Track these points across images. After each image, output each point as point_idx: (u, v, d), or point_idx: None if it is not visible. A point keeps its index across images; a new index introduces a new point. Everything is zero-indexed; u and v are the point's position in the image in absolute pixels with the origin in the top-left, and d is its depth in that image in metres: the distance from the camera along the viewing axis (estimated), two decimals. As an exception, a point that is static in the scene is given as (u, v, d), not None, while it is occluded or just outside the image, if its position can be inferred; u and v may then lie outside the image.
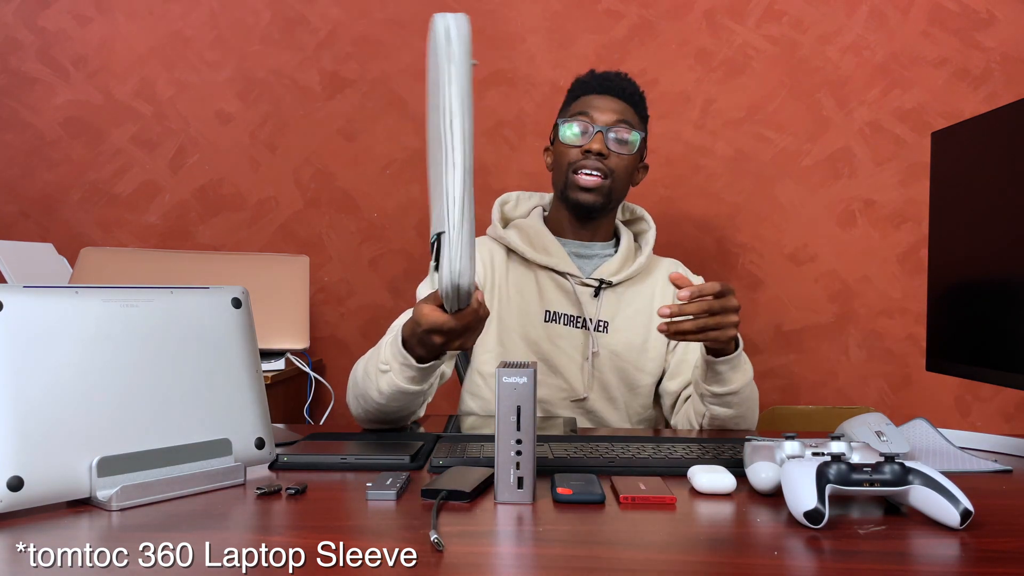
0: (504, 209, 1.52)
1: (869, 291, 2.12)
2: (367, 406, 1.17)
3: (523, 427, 0.81)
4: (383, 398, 1.13)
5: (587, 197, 1.39)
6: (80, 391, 0.80)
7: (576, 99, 1.45)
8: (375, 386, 1.13)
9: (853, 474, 0.74)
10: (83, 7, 2.22)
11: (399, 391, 1.10)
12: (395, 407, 1.15)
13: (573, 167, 1.39)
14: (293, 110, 2.21)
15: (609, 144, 1.38)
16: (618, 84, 1.44)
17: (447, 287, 0.91)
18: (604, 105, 1.41)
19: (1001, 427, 2.09)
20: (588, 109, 1.41)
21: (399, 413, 1.18)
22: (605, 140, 1.38)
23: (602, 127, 1.38)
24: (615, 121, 1.39)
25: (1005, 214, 1.11)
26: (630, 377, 1.41)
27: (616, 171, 1.39)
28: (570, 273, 1.41)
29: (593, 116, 1.40)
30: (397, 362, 1.09)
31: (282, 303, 1.81)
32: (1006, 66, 2.08)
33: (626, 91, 1.43)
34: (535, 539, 0.73)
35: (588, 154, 1.38)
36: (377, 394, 1.13)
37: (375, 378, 1.13)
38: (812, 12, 2.12)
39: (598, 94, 1.42)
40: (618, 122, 1.39)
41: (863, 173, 2.12)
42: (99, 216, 2.23)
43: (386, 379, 1.11)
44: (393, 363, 1.10)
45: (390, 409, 1.15)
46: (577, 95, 1.45)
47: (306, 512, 0.80)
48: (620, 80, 1.45)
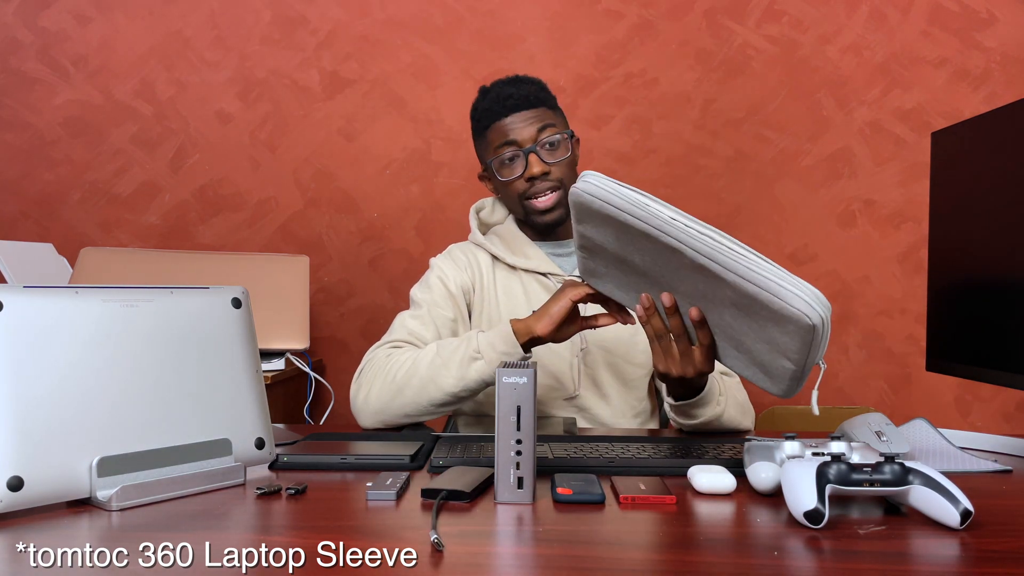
0: (480, 216, 1.52)
1: (869, 291, 2.12)
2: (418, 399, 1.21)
3: (523, 427, 0.81)
4: (460, 385, 1.19)
5: (550, 216, 1.38)
6: (80, 391, 0.80)
7: (488, 128, 1.39)
8: (456, 375, 1.19)
9: (853, 474, 0.74)
10: (83, 7, 2.22)
11: (484, 381, 1.18)
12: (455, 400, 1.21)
13: (524, 196, 1.38)
14: (293, 110, 2.21)
15: (545, 158, 1.35)
16: (519, 94, 1.37)
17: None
18: (518, 123, 1.35)
19: (1001, 427, 2.09)
20: (507, 136, 1.35)
21: (444, 409, 1.23)
22: (540, 157, 1.34)
23: (531, 146, 1.34)
24: (537, 132, 1.35)
25: (1005, 214, 1.11)
26: (621, 371, 1.41)
27: (564, 177, 1.37)
28: (552, 272, 1.42)
29: (515, 140, 1.35)
30: (496, 351, 1.17)
31: (282, 303, 1.81)
32: (1006, 66, 2.08)
33: (530, 96, 1.37)
34: (535, 539, 0.73)
35: (532, 179, 1.35)
36: (455, 382, 1.19)
37: (459, 367, 1.19)
38: (812, 12, 2.13)
39: (505, 115, 1.36)
40: (540, 130, 1.35)
41: (863, 173, 2.12)
42: (99, 216, 2.23)
43: (476, 367, 1.18)
44: (491, 352, 1.18)
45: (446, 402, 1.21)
46: (486, 123, 1.39)
47: (306, 512, 0.80)
48: (518, 88, 1.38)
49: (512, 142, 1.36)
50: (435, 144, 2.19)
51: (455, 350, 1.21)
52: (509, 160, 1.37)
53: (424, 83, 2.19)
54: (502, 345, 1.17)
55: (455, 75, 2.19)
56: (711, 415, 1.17)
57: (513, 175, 1.37)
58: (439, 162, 2.19)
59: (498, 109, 1.37)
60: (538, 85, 1.42)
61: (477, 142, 1.46)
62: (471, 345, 1.19)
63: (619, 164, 2.16)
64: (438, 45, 2.19)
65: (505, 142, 1.36)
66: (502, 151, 1.37)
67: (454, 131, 2.19)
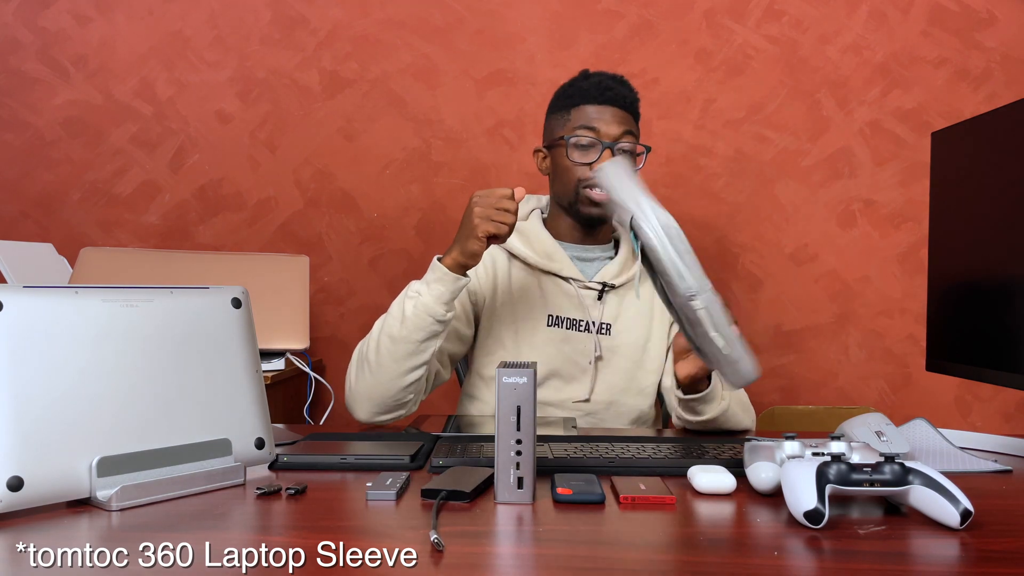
0: None
1: (869, 291, 2.12)
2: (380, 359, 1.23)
3: (523, 427, 0.81)
4: (406, 329, 1.21)
5: (599, 211, 1.38)
6: (80, 391, 0.80)
7: (575, 107, 1.40)
8: (398, 320, 1.22)
9: (853, 474, 0.74)
10: (83, 7, 2.22)
11: (426, 313, 1.20)
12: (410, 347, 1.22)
13: (584, 184, 1.37)
14: (293, 110, 2.21)
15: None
16: (619, 93, 1.40)
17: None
18: (608, 117, 1.37)
19: (1001, 427, 2.09)
20: (593, 123, 1.37)
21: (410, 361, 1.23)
22: (614, 156, 1.35)
23: (610, 143, 1.36)
24: (621, 134, 1.37)
25: (1005, 214, 1.11)
26: (635, 378, 1.41)
27: None
28: (573, 278, 1.41)
29: (600, 130, 1.36)
30: (428, 283, 1.22)
31: (282, 303, 1.81)
32: (1006, 66, 2.08)
33: (627, 99, 1.40)
34: (535, 539, 0.74)
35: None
36: (399, 325, 1.21)
37: (400, 312, 1.22)
38: (812, 12, 2.13)
39: (599, 104, 1.38)
40: (624, 134, 1.37)
41: (863, 173, 2.12)
42: (99, 216, 2.23)
43: (412, 303, 1.22)
44: (423, 287, 1.23)
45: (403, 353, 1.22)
46: (576, 102, 1.40)
47: (306, 512, 0.80)
48: (620, 87, 1.41)
49: (595, 129, 1.37)
50: (435, 144, 2.19)
51: (395, 301, 1.26)
52: (585, 145, 1.37)
53: (424, 83, 2.19)
54: (433, 275, 1.23)
55: (455, 75, 2.19)
56: (717, 411, 1.21)
57: (584, 159, 1.37)
58: (439, 162, 2.19)
59: (595, 94, 1.39)
60: (636, 96, 1.44)
61: (554, 116, 1.45)
62: (409, 289, 1.25)
63: (619, 164, 2.16)
64: (438, 45, 2.19)
65: (589, 126, 1.37)
66: (583, 133, 1.37)
67: (454, 131, 2.19)
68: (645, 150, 1.41)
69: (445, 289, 1.21)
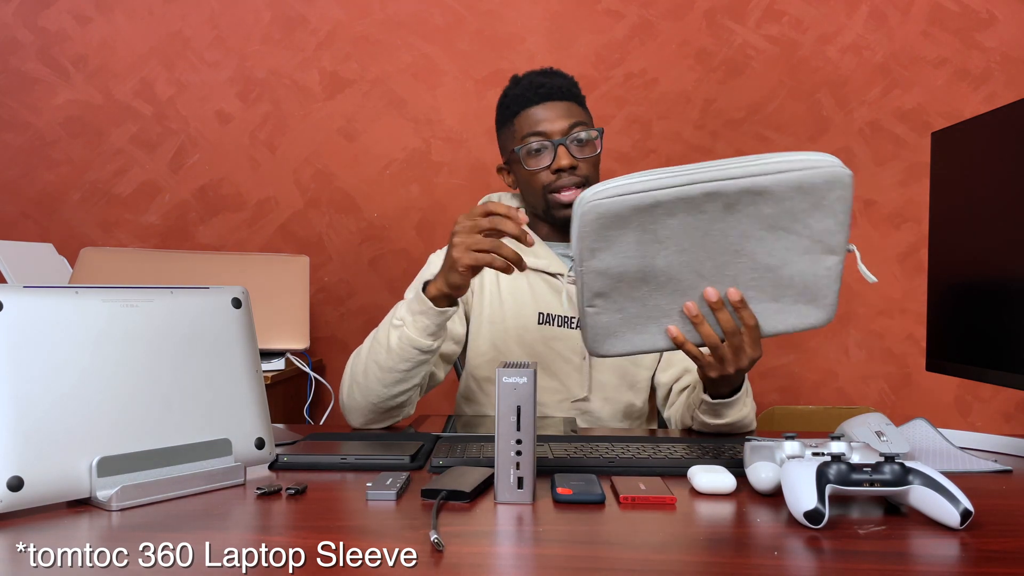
0: None
1: (869, 291, 2.12)
2: (368, 382, 1.19)
3: (523, 427, 0.81)
4: (392, 359, 1.17)
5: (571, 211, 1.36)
6: (80, 391, 0.80)
7: (516, 115, 1.36)
8: (384, 348, 1.17)
9: (853, 474, 0.74)
10: (83, 7, 2.22)
11: (410, 346, 1.16)
12: (397, 376, 1.18)
13: (548, 189, 1.35)
14: (293, 110, 2.21)
15: (574, 152, 1.32)
16: (553, 85, 1.35)
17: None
18: (551, 115, 1.33)
19: (1001, 427, 2.09)
20: (537, 126, 1.33)
21: (398, 387, 1.19)
22: (569, 151, 1.32)
23: (560, 139, 1.32)
24: (569, 127, 1.32)
25: (1005, 214, 1.11)
26: (628, 373, 1.41)
27: (590, 175, 1.35)
28: (560, 273, 1.40)
29: (545, 131, 1.32)
30: (412, 313, 1.15)
31: (282, 303, 1.81)
32: (1006, 66, 2.08)
33: (563, 89, 1.35)
34: (535, 539, 0.73)
35: (560, 172, 1.32)
36: (385, 354, 1.17)
37: (385, 339, 1.17)
38: (812, 12, 2.13)
39: (536, 104, 1.34)
40: (572, 127, 1.32)
41: (863, 173, 2.12)
42: (99, 216, 2.23)
43: (397, 334, 1.16)
44: (408, 316, 1.16)
45: (390, 380, 1.18)
46: (515, 111, 1.36)
47: (306, 512, 0.80)
48: (552, 79, 1.36)
49: (541, 132, 1.33)
50: (435, 144, 2.19)
51: (383, 324, 1.21)
52: (536, 150, 1.34)
53: (424, 83, 2.19)
54: (418, 306, 1.15)
55: (455, 75, 2.19)
56: (738, 416, 1.17)
57: (539, 165, 1.33)
58: (439, 162, 2.19)
59: (530, 96, 1.35)
60: (571, 80, 1.40)
61: (502, 131, 1.42)
62: (395, 314, 1.19)
63: (619, 164, 2.16)
64: (438, 45, 2.19)
65: (534, 132, 1.33)
66: (530, 140, 1.34)
67: (454, 131, 2.19)
68: (598, 133, 1.36)
69: (430, 322, 1.15)
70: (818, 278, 0.98)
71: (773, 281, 0.98)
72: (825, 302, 0.99)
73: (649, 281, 0.98)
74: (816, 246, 0.96)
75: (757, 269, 0.97)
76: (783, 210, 0.93)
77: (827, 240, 0.96)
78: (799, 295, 0.99)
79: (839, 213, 0.95)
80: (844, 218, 0.95)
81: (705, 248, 0.96)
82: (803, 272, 0.97)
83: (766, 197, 0.92)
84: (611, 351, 1.03)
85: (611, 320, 1.02)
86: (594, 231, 0.93)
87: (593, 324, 1.01)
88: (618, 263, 0.96)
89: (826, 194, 0.93)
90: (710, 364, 1.03)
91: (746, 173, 0.91)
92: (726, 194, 0.91)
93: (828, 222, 0.95)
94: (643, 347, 1.04)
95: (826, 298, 0.99)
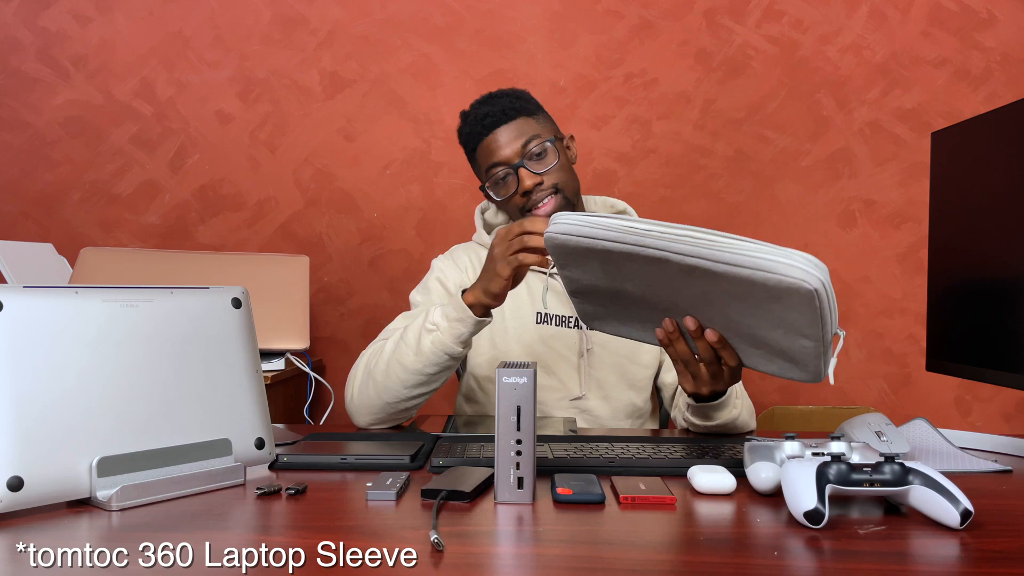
0: (485, 216, 1.52)
1: (869, 291, 2.12)
2: (388, 382, 1.20)
3: (523, 427, 0.81)
4: (420, 362, 1.18)
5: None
6: (80, 391, 0.80)
7: (475, 151, 1.39)
8: (413, 350, 1.18)
9: (853, 474, 0.74)
10: (83, 7, 2.22)
11: (443, 351, 1.17)
12: (422, 378, 1.20)
13: (524, 209, 1.36)
14: (293, 110, 2.21)
15: (535, 169, 1.33)
16: (494, 111, 1.36)
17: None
18: (502, 141, 1.34)
19: (1001, 427, 2.09)
20: (493, 157, 1.35)
21: (419, 389, 1.21)
22: (530, 170, 1.33)
23: (519, 162, 1.33)
24: (521, 147, 1.33)
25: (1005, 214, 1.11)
26: (627, 372, 1.41)
27: (559, 182, 1.35)
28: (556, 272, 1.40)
29: (502, 159, 1.34)
30: (449, 320, 1.16)
31: (282, 303, 1.81)
32: (1006, 66, 2.08)
33: (507, 111, 1.36)
34: (535, 539, 0.73)
35: (527, 194, 1.33)
36: (414, 356, 1.18)
37: (415, 342, 1.18)
38: (812, 12, 2.13)
39: (487, 135, 1.36)
40: (524, 145, 1.33)
41: (863, 173, 2.12)
42: (99, 216, 2.23)
43: (431, 339, 1.17)
44: (443, 322, 1.17)
45: (413, 382, 1.20)
46: (472, 147, 1.40)
47: (306, 512, 0.80)
48: (495, 104, 1.37)
49: (499, 162, 1.34)
50: (435, 144, 2.19)
51: (413, 326, 1.21)
52: (502, 179, 1.35)
53: (424, 83, 2.19)
54: (455, 313, 1.17)
55: (455, 75, 2.19)
56: (729, 417, 1.17)
57: (508, 193, 1.36)
58: (439, 162, 2.19)
59: (479, 131, 1.37)
60: (512, 96, 1.39)
61: (472, 165, 1.45)
62: (428, 319, 1.19)
63: (619, 164, 2.16)
64: (438, 45, 2.19)
65: (493, 163, 1.35)
66: (493, 172, 1.36)
67: (454, 131, 2.18)
68: (551, 140, 1.35)
69: (466, 330, 1.17)
70: (796, 352, 0.91)
71: (749, 336, 0.95)
72: (808, 369, 0.93)
73: (624, 297, 1.00)
74: (788, 329, 0.88)
75: (731, 322, 0.94)
76: (743, 292, 0.86)
77: (800, 330, 0.87)
78: (779, 355, 0.94)
79: (807, 315, 0.84)
80: (816, 319, 0.84)
81: (674, 292, 0.93)
82: (779, 342, 0.91)
83: (719, 278, 0.85)
84: (602, 329, 1.10)
85: (596, 310, 1.07)
86: (557, 254, 0.97)
87: (581, 309, 1.08)
88: (588, 278, 0.99)
89: (784, 297, 0.84)
90: (684, 376, 1.06)
91: (693, 253, 0.85)
92: (678, 264, 0.86)
93: (795, 316, 0.85)
94: (631, 336, 1.09)
95: (807, 367, 0.93)
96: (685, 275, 0.88)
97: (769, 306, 0.86)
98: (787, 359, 0.94)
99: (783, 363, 0.96)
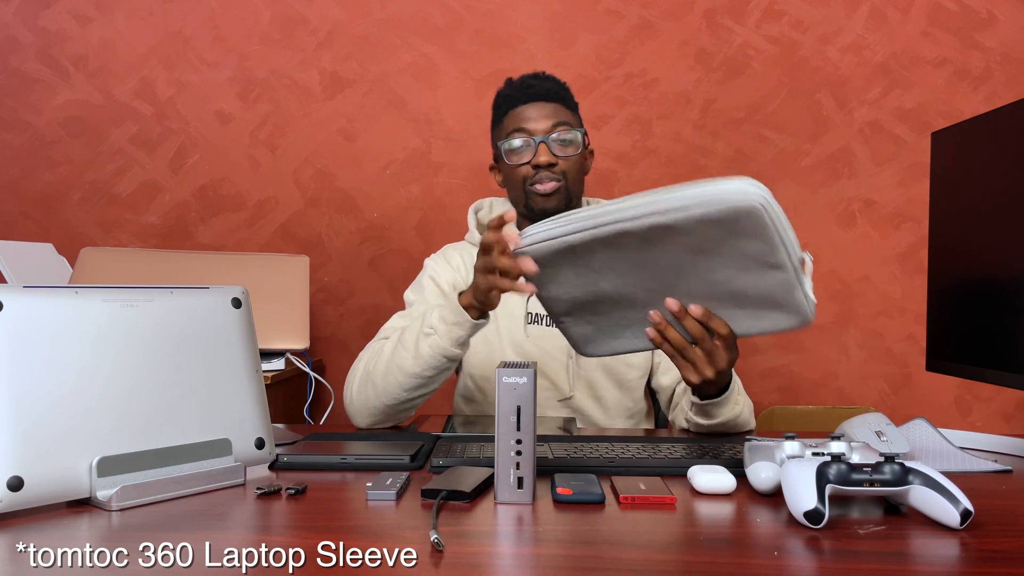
0: (479, 216, 1.52)
1: (869, 291, 2.12)
2: (387, 385, 1.21)
3: (523, 427, 0.81)
4: (419, 365, 1.18)
5: (548, 202, 1.36)
6: (80, 391, 0.80)
7: (505, 114, 1.40)
8: (411, 353, 1.18)
9: (853, 474, 0.74)
10: (83, 7, 2.22)
11: (441, 355, 1.17)
12: (420, 381, 1.20)
13: (528, 182, 1.37)
14: (293, 110, 2.21)
15: (554, 151, 1.35)
16: (542, 87, 1.39)
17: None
18: (536, 114, 1.37)
19: (1001, 427, 2.09)
20: (522, 123, 1.37)
21: (418, 391, 1.22)
22: (549, 149, 1.35)
23: (542, 137, 1.35)
24: (552, 127, 1.36)
25: (1005, 214, 1.11)
26: (617, 372, 1.41)
27: (568, 173, 1.36)
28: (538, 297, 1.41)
29: (529, 128, 1.36)
30: (446, 323, 1.16)
31: (282, 303, 1.81)
32: (1006, 66, 2.08)
33: (551, 91, 1.39)
34: (535, 539, 0.74)
35: (538, 168, 1.35)
36: (412, 360, 1.18)
37: (413, 345, 1.18)
38: (812, 12, 2.13)
39: (525, 104, 1.38)
40: (555, 126, 1.36)
41: (863, 173, 2.12)
42: (99, 216, 2.23)
43: (429, 343, 1.17)
44: (440, 325, 1.17)
45: (412, 385, 1.20)
46: (505, 110, 1.41)
47: (306, 512, 0.80)
48: (543, 82, 1.41)
49: (525, 129, 1.36)
50: (435, 144, 2.19)
51: (410, 329, 1.22)
52: (519, 146, 1.37)
53: (424, 83, 2.19)
54: (452, 316, 1.17)
55: (455, 75, 2.19)
56: (732, 414, 1.18)
57: (521, 161, 1.37)
58: (439, 162, 2.19)
59: (518, 96, 1.39)
60: (562, 85, 1.43)
61: (494, 130, 1.45)
62: (425, 322, 1.20)
63: (619, 164, 2.16)
64: (438, 45, 2.19)
65: (519, 128, 1.37)
66: (514, 136, 1.37)
67: (454, 131, 2.19)
68: (581, 133, 1.39)
69: (464, 333, 1.17)
70: (772, 289, 0.93)
71: (728, 293, 0.96)
72: (792, 309, 0.95)
73: (604, 301, 1.01)
74: (755, 264, 0.91)
75: (706, 284, 0.95)
76: (700, 239, 0.89)
77: (764, 259, 0.90)
78: (761, 303, 0.96)
79: (763, 237, 0.88)
80: (773, 238, 0.88)
81: (644, 271, 0.95)
82: (754, 285, 0.93)
83: (675, 231, 0.89)
84: (596, 352, 1.10)
85: (584, 330, 1.08)
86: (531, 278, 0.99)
87: (570, 334, 1.09)
88: (565, 292, 1.01)
89: (735, 224, 0.87)
90: (684, 366, 1.06)
91: (643, 213, 0.89)
92: (634, 232, 0.90)
93: (754, 244, 0.89)
94: (624, 349, 1.09)
95: (790, 305, 0.95)
96: (647, 248, 0.91)
97: (731, 245, 0.89)
98: (770, 306, 0.95)
99: (769, 313, 0.97)
